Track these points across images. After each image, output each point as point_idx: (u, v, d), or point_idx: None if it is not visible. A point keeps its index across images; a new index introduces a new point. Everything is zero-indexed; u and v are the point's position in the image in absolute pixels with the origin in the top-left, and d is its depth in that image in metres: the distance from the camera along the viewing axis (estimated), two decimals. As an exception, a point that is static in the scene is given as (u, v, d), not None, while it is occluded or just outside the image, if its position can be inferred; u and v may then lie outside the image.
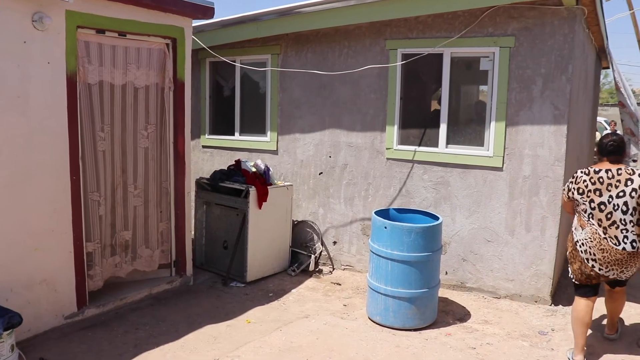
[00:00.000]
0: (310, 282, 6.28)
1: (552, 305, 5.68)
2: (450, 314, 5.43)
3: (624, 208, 4.21)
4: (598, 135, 14.64)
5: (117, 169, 5.25)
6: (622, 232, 4.23)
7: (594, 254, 4.31)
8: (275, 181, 6.48)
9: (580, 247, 4.40)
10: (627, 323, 5.30)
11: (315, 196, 6.82)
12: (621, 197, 4.21)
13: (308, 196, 6.87)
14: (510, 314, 5.48)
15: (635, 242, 4.24)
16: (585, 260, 4.37)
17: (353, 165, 6.51)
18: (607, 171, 4.29)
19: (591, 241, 4.32)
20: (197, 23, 6.55)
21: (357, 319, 5.24)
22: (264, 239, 6.21)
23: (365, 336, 4.84)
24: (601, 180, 4.28)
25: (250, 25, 6.71)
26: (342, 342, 4.69)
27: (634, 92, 10.91)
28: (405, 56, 6.07)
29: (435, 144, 6.03)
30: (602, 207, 4.26)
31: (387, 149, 6.27)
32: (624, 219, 4.21)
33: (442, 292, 5.82)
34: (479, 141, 5.86)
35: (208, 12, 5.71)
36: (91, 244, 5.02)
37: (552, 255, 5.59)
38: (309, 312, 5.37)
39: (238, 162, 6.45)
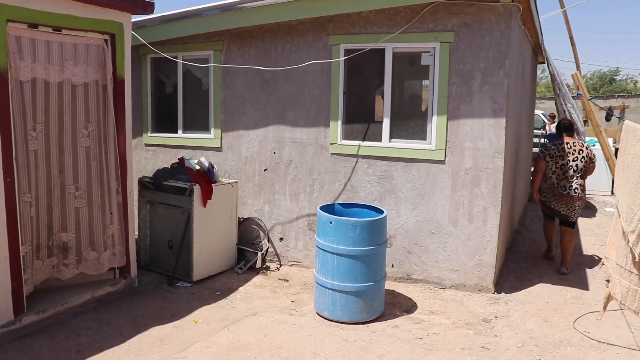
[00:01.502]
0: (257, 279, 6.24)
1: (495, 293, 5.83)
2: (398, 306, 5.50)
3: (575, 168, 6.55)
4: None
5: (53, 169, 5.06)
6: (569, 183, 6.56)
7: (549, 197, 6.75)
8: (220, 178, 6.40)
9: (541, 193, 6.88)
10: (563, 306, 5.54)
11: (260, 193, 6.78)
12: (575, 161, 6.55)
13: (253, 193, 6.82)
14: (456, 303, 5.60)
15: (577, 189, 6.55)
16: (544, 200, 6.83)
17: (298, 161, 6.50)
18: (567, 144, 6.64)
19: (548, 189, 6.75)
20: (137, 18, 6.40)
21: (305, 315, 5.24)
22: (210, 237, 6.13)
23: (314, 331, 4.85)
24: (564, 149, 6.61)
25: (192, 21, 6.59)
26: (291, 338, 4.68)
27: (568, 87, 11.36)
28: (348, 51, 6.10)
29: (379, 139, 6.09)
30: (563, 167, 6.58)
31: (331, 144, 6.29)
32: (573, 175, 6.56)
33: (389, 285, 5.90)
34: (421, 135, 5.95)
35: (148, 7, 5.57)
36: (24, 247, 4.81)
37: (494, 245, 5.73)
38: (257, 310, 5.33)
39: (181, 160, 6.34)
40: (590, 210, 10.97)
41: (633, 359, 4.50)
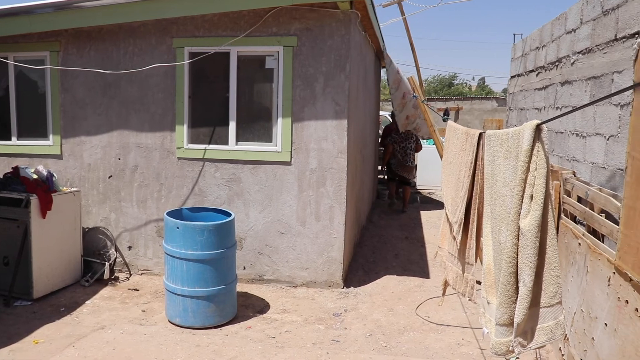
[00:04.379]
0: (105, 291, 5.99)
1: (345, 287, 6.08)
2: (251, 308, 5.55)
3: (410, 148, 10.39)
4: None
5: None
6: (407, 158, 10.37)
7: (397, 167, 10.44)
8: (61, 188, 6.05)
9: (391, 165, 10.59)
10: (407, 295, 5.89)
11: (106, 201, 6.50)
12: (410, 144, 10.36)
13: (98, 201, 6.52)
14: (307, 300, 5.76)
15: (412, 161, 10.51)
16: (392, 169, 10.53)
17: (144, 167, 6.33)
18: (403, 133, 10.35)
19: (396, 163, 10.44)
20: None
21: (156, 324, 5.12)
22: (52, 251, 5.77)
23: (165, 340, 4.75)
24: (401, 137, 10.36)
25: (22, 19, 6.13)
26: (141, 349, 4.56)
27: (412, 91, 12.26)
28: (192, 55, 6.05)
29: (226, 142, 6.11)
30: (404, 148, 10.36)
31: (177, 148, 6.20)
32: (409, 152, 10.37)
33: (242, 287, 5.94)
34: (267, 137, 6.06)
35: (-33, 2, 5.11)
36: None
37: (341, 242, 5.98)
38: (105, 323, 5.12)
39: (16, 169, 5.90)
40: (431, 204, 11.79)
41: (465, 335, 4.95)
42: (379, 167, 12.40)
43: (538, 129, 2.66)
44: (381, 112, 14.68)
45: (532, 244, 2.73)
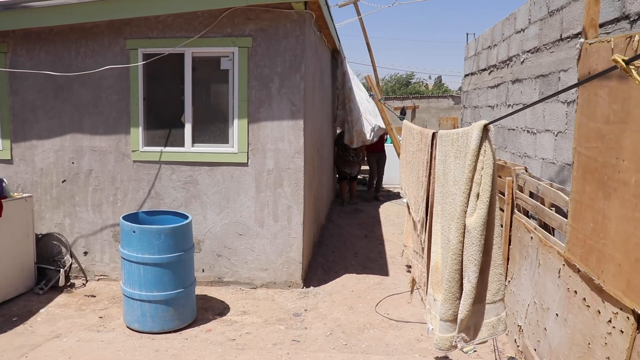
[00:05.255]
0: (61, 298, 5.85)
1: (305, 287, 6.10)
2: (210, 310, 5.51)
3: (350, 152, 10.93)
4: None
5: None
6: (347, 153, 10.96)
7: (340, 164, 11.11)
8: (12, 193, 5.88)
9: (336, 166, 11.24)
10: (366, 293, 5.93)
11: (60, 206, 6.35)
12: (350, 150, 10.84)
13: (52, 206, 6.37)
14: (267, 301, 5.76)
15: (354, 157, 11.01)
16: (339, 166, 11.20)
17: (99, 170, 6.21)
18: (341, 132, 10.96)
19: (338, 162, 11.12)
20: None
21: (114, 330, 5.04)
22: (3, 258, 5.60)
23: (123, 346, 4.68)
24: (340, 134, 10.98)
25: (-33, 20, 5.97)
26: (98, 356, 4.47)
27: (368, 90, 12.33)
28: (146, 56, 5.96)
29: (182, 144, 6.05)
30: (344, 152, 10.91)
31: (133, 151, 6.11)
32: (351, 153, 10.93)
33: (201, 290, 5.89)
34: (223, 138, 6.03)
35: None
36: None
37: (299, 242, 5.99)
38: (61, 331, 5.00)
39: (-37, 175, 5.73)
40: (390, 202, 11.91)
41: (424, 331, 5.00)
42: None
43: (485, 128, 2.72)
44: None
45: (477, 241, 2.80)
